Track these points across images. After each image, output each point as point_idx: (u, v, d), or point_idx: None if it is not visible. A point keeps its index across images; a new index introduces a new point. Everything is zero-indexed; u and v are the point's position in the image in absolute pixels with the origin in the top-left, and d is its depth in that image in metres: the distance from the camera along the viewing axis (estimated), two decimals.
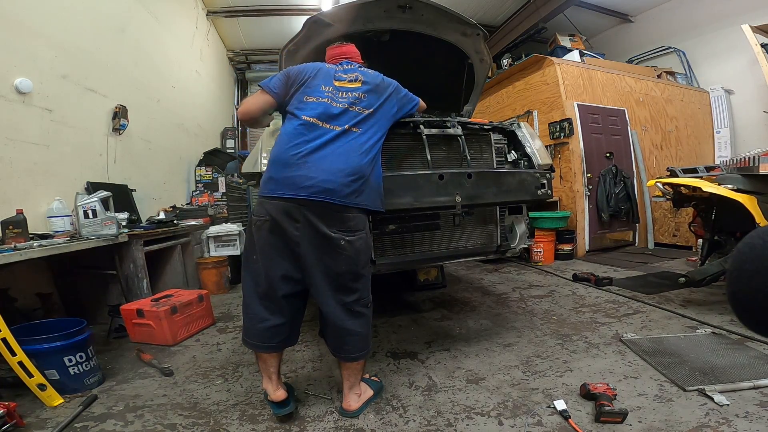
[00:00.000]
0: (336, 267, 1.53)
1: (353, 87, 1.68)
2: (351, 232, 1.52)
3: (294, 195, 1.47)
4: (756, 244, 0.57)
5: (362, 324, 1.60)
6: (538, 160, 2.20)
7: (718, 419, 1.40)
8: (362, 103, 1.64)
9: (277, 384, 1.58)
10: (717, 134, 5.78)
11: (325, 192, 1.46)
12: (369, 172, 1.56)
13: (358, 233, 1.54)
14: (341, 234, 1.50)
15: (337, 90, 1.65)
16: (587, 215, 4.82)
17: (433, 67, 2.81)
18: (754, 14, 4.95)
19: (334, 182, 1.47)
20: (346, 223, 1.51)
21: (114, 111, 3.38)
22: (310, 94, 1.63)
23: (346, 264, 1.53)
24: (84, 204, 2.40)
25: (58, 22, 2.81)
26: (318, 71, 1.70)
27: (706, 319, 2.38)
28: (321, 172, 1.47)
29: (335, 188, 1.47)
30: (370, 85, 1.70)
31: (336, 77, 1.69)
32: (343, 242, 1.51)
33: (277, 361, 1.61)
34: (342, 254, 1.51)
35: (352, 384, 1.62)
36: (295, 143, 1.53)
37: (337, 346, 1.61)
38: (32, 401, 1.72)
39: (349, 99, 1.63)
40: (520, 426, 1.45)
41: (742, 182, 2.42)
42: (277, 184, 1.51)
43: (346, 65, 1.78)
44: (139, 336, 2.49)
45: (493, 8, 6.10)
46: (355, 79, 1.70)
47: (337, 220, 1.50)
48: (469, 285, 3.62)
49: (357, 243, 1.54)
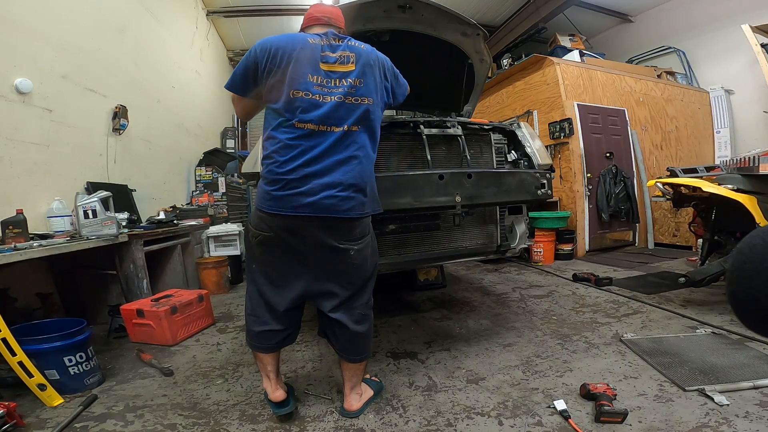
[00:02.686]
0: (348, 276, 1.49)
1: (346, 71, 1.38)
2: (358, 241, 1.47)
3: (296, 213, 1.36)
4: (756, 244, 0.57)
5: (368, 326, 1.59)
6: (538, 160, 2.21)
7: (718, 419, 1.40)
8: (360, 91, 1.38)
9: (276, 384, 1.57)
10: (717, 134, 5.78)
11: (329, 209, 1.36)
12: (372, 178, 1.46)
13: (365, 239, 1.50)
14: (349, 244, 1.45)
15: (328, 77, 1.36)
16: (587, 215, 4.82)
17: (433, 67, 2.81)
18: (753, 14, 4.95)
19: (337, 197, 1.36)
20: (353, 232, 1.45)
21: (114, 111, 3.38)
22: (297, 87, 1.33)
23: (356, 272, 1.50)
24: (84, 204, 2.39)
25: (58, 22, 2.81)
26: (298, 52, 1.35)
27: (706, 319, 2.38)
28: (323, 187, 1.35)
29: (339, 203, 1.37)
30: (365, 65, 1.40)
31: (323, 58, 1.37)
32: (352, 252, 1.46)
33: (275, 360, 1.59)
34: (352, 263, 1.48)
35: (354, 384, 1.61)
36: (290, 156, 1.34)
37: (346, 349, 1.58)
38: (32, 401, 1.72)
39: (343, 88, 1.36)
40: (520, 426, 1.45)
41: (742, 182, 2.42)
42: (278, 202, 1.37)
43: (333, 37, 1.42)
44: (139, 336, 2.49)
45: (493, 8, 6.11)
46: (347, 60, 1.39)
47: (345, 231, 1.43)
48: (469, 285, 3.62)
49: (365, 250, 1.51)
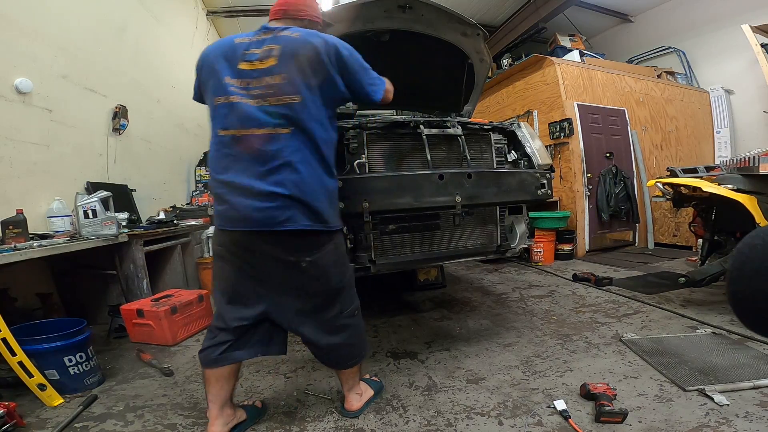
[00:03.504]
0: (307, 289, 1.37)
1: (267, 66, 1.24)
2: (309, 253, 1.32)
3: (235, 228, 1.28)
4: (756, 245, 0.57)
5: (349, 335, 1.48)
6: (538, 160, 2.21)
7: (718, 419, 1.40)
8: (283, 87, 1.22)
9: (216, 414, 1.39)
10: (717, 134, 5.79)
11: (263, 222, 1.24)
12: (314, 186, 1.27)
13: (323, 249, 1.34)
14: (300, 256, 1.31)
15: (249, 76, 1.25)
16: (587, 215, 4.82)
17: (433, 67, 2.81)
18: (754, 14, 4.95)
19: (269, 208, 1.23)
20: (301, 244, 1.30)
21: (114, 111, 3.38)
22: (217, 93, 1.27)
23: (316, 284, 1.37)
24: (84, 204, 2.39)
25: (58, 22, 2.81)
26: (220, 55, 1.29)
27: (706, 319, 2.38)
28: (252, 198, 1.23)
29: (273, 215, 1.24)
30: (290, 57, 1.23)
31: (245, 57, 1.26)
32: (304, 264, 1.31)
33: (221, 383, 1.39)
34: (309, 275, 1.34)
35: (351, 386, 1.59)
36: (220, 167, 1.28)
37: (326, 360, 1.54)
38: (32, 401, 1.72)
39: (263, 87, 1.23)
40: (520, 426, 1.45)
41: (742, 182, 2.42)
42: (218, 218, 1.32)
43: (263, 31, 1.31)
44: (139, 336, 2.49)
45: (493, 8, 6.11)
46: (269, 54, 1.25)
47: (289, 244, 1.30)
48: (469, 285, 3.62)
49: (322, 260, 1.34)
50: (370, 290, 3.40)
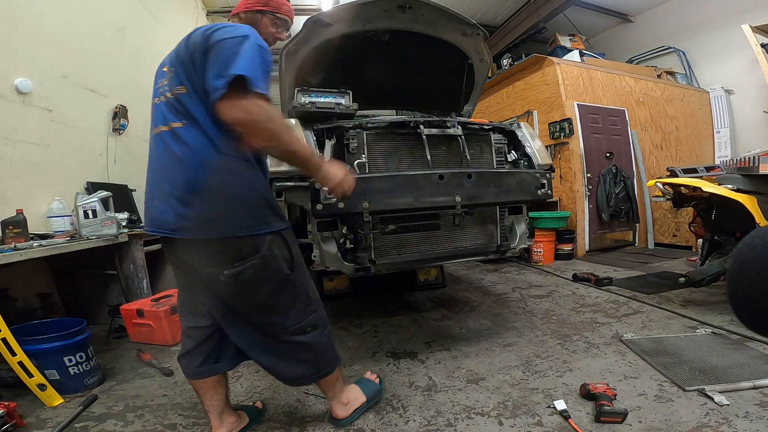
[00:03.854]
0: (233, 304, 1.23)
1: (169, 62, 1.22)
2: (226, 265, 1.14)
3: (153, 231, 1.20)
4: (756, 245, 0.57)
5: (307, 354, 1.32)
6: (538, 160, 2.21)
7: (718, 419, 1.40)
8: (174, 80, 1.15)
9: (218, 420, 1.38)
10: (717, 134, 5.78)
11: (162, 226, 1.15)
12: (214, 184, 1.10)
13: (246, 261, 1.14)
14: (216, 269, 1.15)
15: (164, 76, 1.22)
16: (587, 215, 4.82)
17: (433, 67, 2.81)
18: (754, 14, 4.95)
19: (166, 211, 1.13)
20: (210, 256, 1.14)
21: (114, 111, 3.39)
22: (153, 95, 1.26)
23: (241, 300, 1.21)
24: (84, 204, 2.40)
25: (58, 22, 2.81)
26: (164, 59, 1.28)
27: (706, 319, 2.38)
28: (155, 200, 1.17)
29: (168, 220, 1.13)
30: (178, 48, 1.19)
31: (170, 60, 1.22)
32: (222, 278, 1.14)
33: (209, 390, 1.37)
34: (230, 289, 1.18)
35: (333, 395, 1.48)
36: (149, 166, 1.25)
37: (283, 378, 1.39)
38: (32, 401, 1.72)
39: (167, 84, 1.20)
40: (520, 426, 1.45)
41: (742, 182, 2.42)
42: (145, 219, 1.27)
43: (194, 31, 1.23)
44: (139, 336, 2.49)
45: (493, 8, 6.11)
46: None
47: (201, 254, 1.15)
48: (469, 285, 3.62)
49: (243, 275, 1.15)
50: (370, 290, 3.41)
